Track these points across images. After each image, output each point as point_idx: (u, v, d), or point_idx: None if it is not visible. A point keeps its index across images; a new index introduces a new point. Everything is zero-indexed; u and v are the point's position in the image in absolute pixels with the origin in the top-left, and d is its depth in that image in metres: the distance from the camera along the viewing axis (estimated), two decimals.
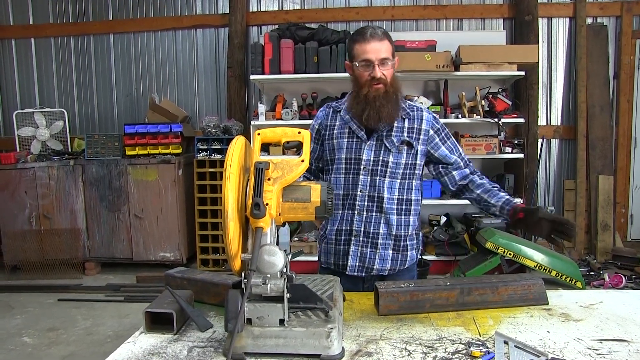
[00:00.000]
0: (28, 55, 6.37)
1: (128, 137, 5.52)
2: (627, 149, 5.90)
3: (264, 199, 1.35)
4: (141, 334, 1.56)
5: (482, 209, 2.16)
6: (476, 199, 2.13)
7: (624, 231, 5.97)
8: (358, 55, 2.03)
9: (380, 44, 2.00)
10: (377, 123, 2.03)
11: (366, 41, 2.01)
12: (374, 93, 2.01)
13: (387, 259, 2.11)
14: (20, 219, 5.56)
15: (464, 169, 2.17)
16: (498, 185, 2.15)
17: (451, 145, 2.16)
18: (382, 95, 2.01)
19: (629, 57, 5.77)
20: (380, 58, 1.99)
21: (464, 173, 2.16)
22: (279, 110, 5.17)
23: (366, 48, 2.00)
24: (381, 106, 2.00)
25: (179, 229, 5.51)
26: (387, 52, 2.01)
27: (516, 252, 4.38)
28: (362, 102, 2.03)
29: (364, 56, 2.01)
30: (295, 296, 1.42)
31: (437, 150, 2.14)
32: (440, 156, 2.14)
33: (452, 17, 5.89)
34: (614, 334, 1.52)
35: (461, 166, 2.16)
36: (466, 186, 2.16)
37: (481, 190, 2.11)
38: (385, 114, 2.00)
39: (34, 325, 4.17)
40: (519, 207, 1.98)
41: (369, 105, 2.01)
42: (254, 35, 6.05)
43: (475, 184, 2.14)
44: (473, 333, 1.54)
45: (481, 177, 2.17)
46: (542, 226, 1.85)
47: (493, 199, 2.07)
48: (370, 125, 2.05)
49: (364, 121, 2.04)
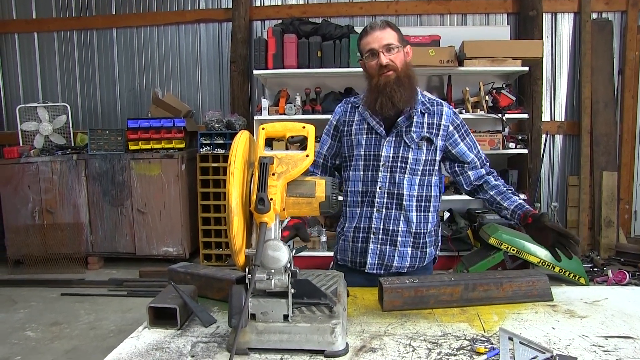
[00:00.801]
0: (31, 50, 6.37)
1: (131, 132, 5.51)
2: (631, 145, 5.87)
3: (269, 194, 1.35)
4: (144, 329, 1.56)
5: (494, 211, 2.12)
6: (489, 200, 2.09)
7: (627, 227, 5.95)
8: (364, 48, 2.04)
9: (381, 32, 2.00)
10: (392, 110, 2.00)
11: (368, 33, 2.02)
12: (384, 80, 1.99)
13: (406, 256, 2.10)
14: (23, 213, 5.58)
15: (479, 168, 2.12)
16: (512, 188, 2.10)
17: (470, 142, 2.12)
18: (393, 81, 1.99)
19: (634, 52, 5.73)
20: (384, 45, 1.98)
21: (480, 173, 2.12)
22: (282, 105, 5.15)
23: (369, 39, 2.02)
24: (393, 92, 1.98)
25: (182, 224, 5.51)
26: (391, 38, 2.00)
27: (519, 248, 4.38)
28: (374, 92, 2.01)
29: (368, 47, 2.02)
30: (299, 292, 1.41)
31: (456, 147, 2.10)
32: (458, 154, 2.11)
33: (456, 12, 5.86)
34: (620, 330, 1.51)
35: (477, 165, 2.12)
36: (480, 186, 2.12)
37: (495, 192, 2.07)
38: (397, 99, 1.98)
39: (37, 320, 4.18)
40: (530, 212, 1.94)
41: (380, 93, 1.99)
42: (258, 29, 6.03)
43: (490, 184, 2.10)
44: (477, 329, 1.54)
45: (497, 178, 2.12)
46: (548, 236, 1.81)
47: (506, 202, 2.03)
48: (385, 113, 2.02)
49: (377, 110, 2.01)
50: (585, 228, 5.79)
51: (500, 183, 2.10)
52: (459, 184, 2.19)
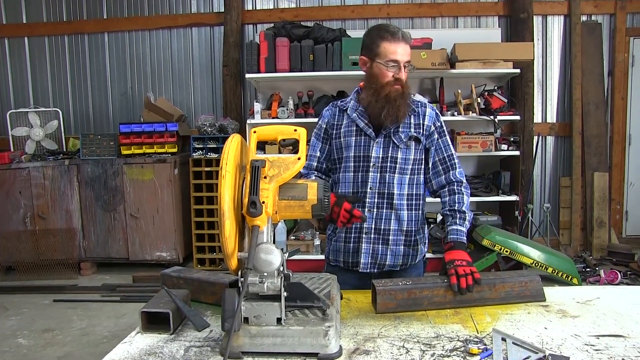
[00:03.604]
0: (22, 55, 6.33)
1: (123, 137, 5.49)
2: (621, 146, 5.93)
3: (261, 197, 1.35)
4: (137, 334, 1.56)
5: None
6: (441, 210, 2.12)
7: (619, 227, 6.00)
8: (385, 54, 2.00)
9: (407, 46, 2.02)
10: (394, 122, 2.04)
11: (397, 41, 1.99)
12: (394, 93, 2.01)
13: (399, 254, 2.13)
14: (14, 219, 5.53)
15: (441, 175, 2.11)
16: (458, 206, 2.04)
17: (440, 144, 2.12)
18: (401, 95, 2.02)
19: (623, 54, 5.79)
20: (407, 61, 2.01)
21: (440, 182, 2.12)
22: (275, 109, 5.15)
23: (397, 49, 1.99)
24: (400, 106, 2.01)
25: (175, 229, 5.49)
26: (410, 55, 2.04)
27: (513, 249, 4.39)
28: (382, 101, 2.01)
29: (393, 56, 1.99)
30: (292, 295, 1.41)
31: (431, 147, 2.13)
32: (429, 153, 2.13)
33: (448, 14, 5.89)
34: (611, 329, 1.53)
35: (439, 171, 2.12)
36: (439, 195, 2.15)
37: (442, 209, 2.10)
38: (402, 113, 2.03)
39: (29, 327, 4.15)
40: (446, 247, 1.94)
41: (390, 104, 2.01)
42: (250, 33, 6.04)
43: (442, 199, 2.11)
44: (471, 330, 1.54)
45: (453, 191, 2.08)
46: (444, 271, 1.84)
47: (446, 223, 2.05)
48: (387, 123, 2.04)
49: (382, 118, 2.02)
50: (578, 229, 5.83)
51: (448, 200, 2.08)
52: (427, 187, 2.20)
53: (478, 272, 1.77)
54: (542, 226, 5.61)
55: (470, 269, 1.77)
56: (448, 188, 2.10)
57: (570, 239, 5.86)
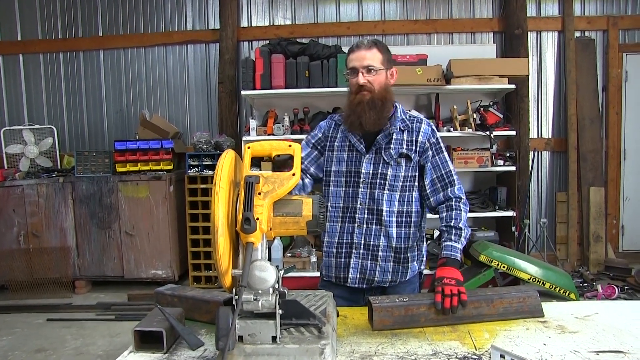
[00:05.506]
0: (16, 72, 6.33)
1: (118, 154, 5.47)
2: (617, 161, 5.94)
3: (255, 214, 1.33)
4: (130, 354, 1.53)
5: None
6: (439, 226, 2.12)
7: (615, 242, 5.99)
8: (347, 64, 2.10)
9: (366, 52, 2.04)
10: (360, 129, 2.06)
11: (354, 51, 2.08)
12: (358, 99, 2.04)
13: (387, 270, 2.11)
14: (8, 237, 5.48)
15: (439, 192, 2.10)
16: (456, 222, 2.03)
17: (437, 161, 2.11)
18: (366, 102, 2.02)
19: (617, 69, 5.83)
20: (365, 65, 2.03)
21: (439, 199, 2.10)
22: (271, 126, 5.16)
23: (352, 56, 2.07)
24: (362, 112, 2.02)
25: (171, 246, 5.45)
26: (374, 60, 2.03)
27: (510, 264, 4.37)
28: (348, 109, 2.08)
29: (350, 64, 2.08)
30: (287, 312, 1.39)
31: (427, 163, 2.11)
32: (425, 170, 2.11)
33: (443, 31, 5.93)
34: (611, 345, 1.51)
35: (438, 188, 2.10)
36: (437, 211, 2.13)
37: (440, 225, 2.09)
38: (365, 119, 2.02)
39: (22, 347, 4.09)
40: (439, 263, 1.93)
41: (352, 111, 2.05)
42: (245, 50, 6.06)
43: (440, 216, 2.09)
44: (469, 347, 1.52)
45: (451, 207, 2.06)
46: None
47: (442, 239, 2.04)
48: (354, 130, 2.08)
49: (347, 127, 2.08)
50: (575, 243, 5.82)
51: (444, 216, 2.06)
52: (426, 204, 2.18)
53: (466, 292, 1.74)
54: (539, 241, 5.60)
55: (458, 288, 1.74)
56: (446, 204, 2.08)
57: (567, 254, 5.85)
